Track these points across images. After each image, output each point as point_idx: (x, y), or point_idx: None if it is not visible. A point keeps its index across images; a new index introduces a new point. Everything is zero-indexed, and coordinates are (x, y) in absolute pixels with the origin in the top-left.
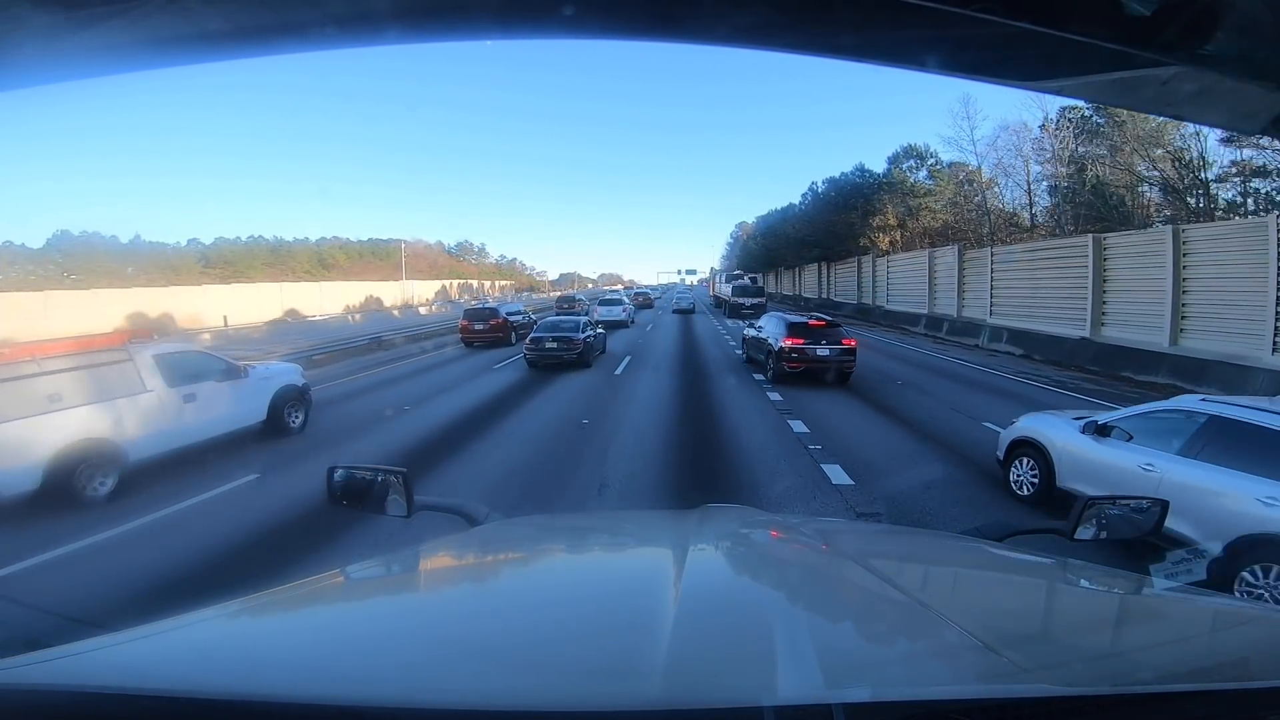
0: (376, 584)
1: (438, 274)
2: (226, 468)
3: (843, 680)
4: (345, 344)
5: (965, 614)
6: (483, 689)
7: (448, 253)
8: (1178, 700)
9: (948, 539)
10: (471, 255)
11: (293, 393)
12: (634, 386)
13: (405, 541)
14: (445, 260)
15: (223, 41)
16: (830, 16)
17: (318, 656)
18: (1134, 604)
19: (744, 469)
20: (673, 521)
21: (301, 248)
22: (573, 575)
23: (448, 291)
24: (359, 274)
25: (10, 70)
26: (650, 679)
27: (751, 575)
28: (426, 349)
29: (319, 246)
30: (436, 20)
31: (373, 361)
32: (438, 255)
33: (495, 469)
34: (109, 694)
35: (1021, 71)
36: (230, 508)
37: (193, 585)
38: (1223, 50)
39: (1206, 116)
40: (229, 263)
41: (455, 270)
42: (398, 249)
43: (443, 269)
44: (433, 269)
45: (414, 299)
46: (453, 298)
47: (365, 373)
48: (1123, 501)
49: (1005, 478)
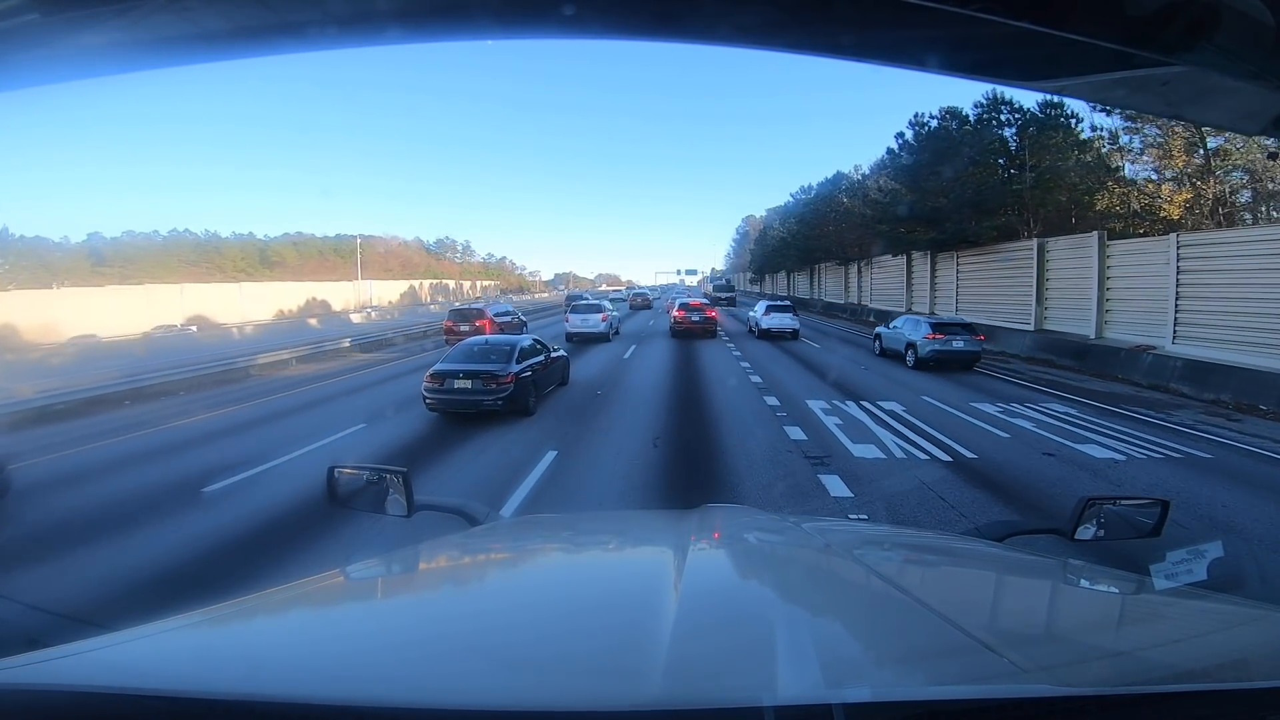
0: (376, 584)
1: (411, 273)
2: None
3: (843, 680)
4: (198, 369)
5: (965, 614)
6: (483, 688)
7: (427, 250)
8: (1178, 700)
9: (948, 539)
10: (454, 253)
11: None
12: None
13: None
14: (422, 259)
15: (223, 42)
16: (830, 16)
17: (318, 656)
18: (1134, 604)
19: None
20: (673, 521)
21: (238, 244)
22: (573, 575)
23: (417, 292)
24: (312, 273)
25: (10, 70)
26: (650, 679)
27: (751, 575)
28: (326, 375)
29: (266, 243)
30: (437, 20)
31: (220, 398)
32: (414, 253)
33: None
34: (109, 694)
35: (1022, 71)
36: None
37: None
38: (1224, 50)
39: (1207, 117)
40: (132, 261)
41: (432, 269)
42: (366, 246)
43: (417, 268)
44: (406, 268)
45: (372, 300)
46: (424, 299)
47: (183, 420)
48: (1123, 502)
49: (873, 349)
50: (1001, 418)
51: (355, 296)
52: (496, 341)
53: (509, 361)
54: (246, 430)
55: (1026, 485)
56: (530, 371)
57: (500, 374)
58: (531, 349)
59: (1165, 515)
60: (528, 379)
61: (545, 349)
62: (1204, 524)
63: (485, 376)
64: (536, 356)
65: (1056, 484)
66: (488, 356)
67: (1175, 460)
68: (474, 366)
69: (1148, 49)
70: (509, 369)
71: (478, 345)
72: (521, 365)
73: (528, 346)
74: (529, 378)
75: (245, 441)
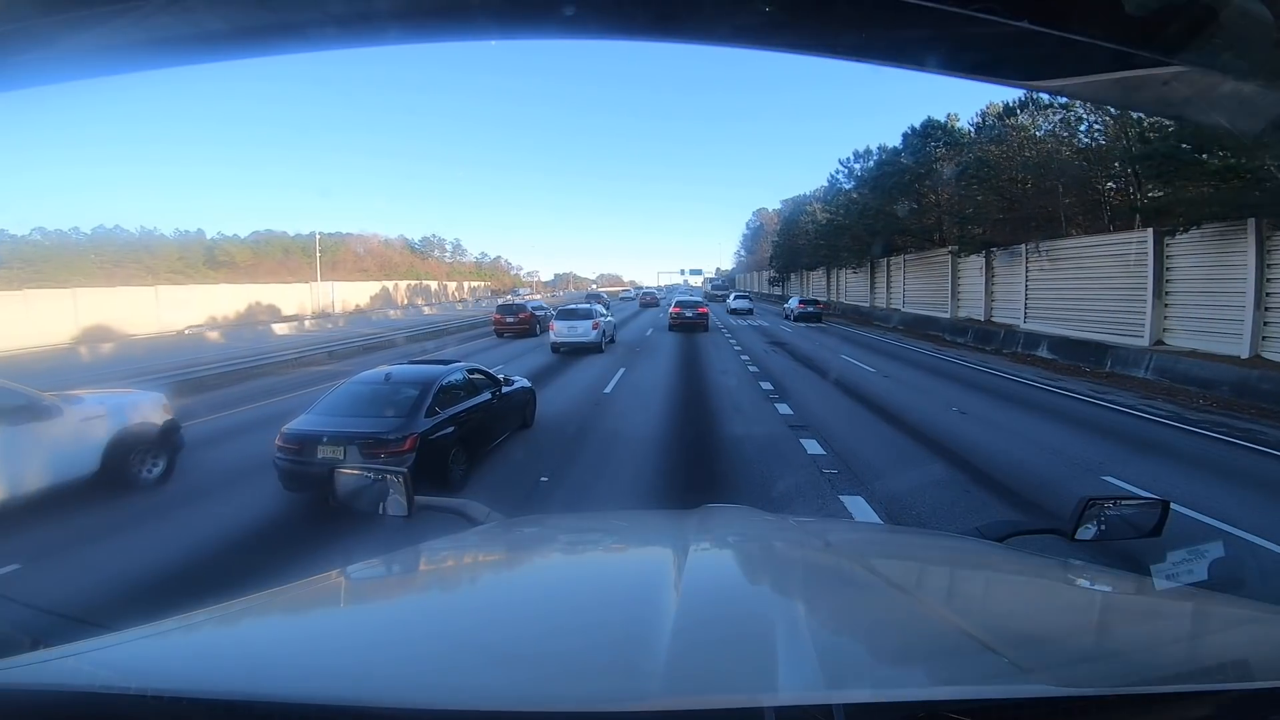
0: (376, 584)
1: (389, 273)
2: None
3: (843, 680)
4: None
5: (965, 614)
6: (483, 688)
7: (411, 249)
8: (1178, 700)
9: (948, 539)
10: (442, 252)
11: (147, 434)
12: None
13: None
14: (403, 258)
15: (223, 42)
16: (831, 16)
17: (318, 656)
18: (1134, 604)
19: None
20: (673, 521)
21: (178, 243)
22: (573, 575)
23: (391, 294)
24: (270, 273)
25: (9, 71)
26: (651, 678)
27: (752, 575)
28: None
29: (216, 241)
30: (437, 21)
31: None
32: (394, 252)
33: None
34: (109, 694)
35: (1022, 71)
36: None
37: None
38: (1224, 50)
39: (1207, 117)
40: (30, 263)
41: (414, 269)
42: (341, 244)
43: (397, 267)
44: (384, 268)
45: (335, 304)
46: (400, 302)
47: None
48: (1123, 502)
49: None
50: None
51: (313, 300)
52: (404, 377)
53: (413, 413)
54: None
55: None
56: (454, 425)
57: (391, 437)
58: (463, 386)
59: (1166, 515)
60: (447, 438)
61: (493, 382)
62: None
63: (366, 443)
64: (472, 398)
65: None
66: (379, 406)
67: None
68: (349, 427)
69: (1148, 49)
70: (411, 426)
71: (369, 385)
72: (436, 418)
73: (455, 383)
74: (450, 435)
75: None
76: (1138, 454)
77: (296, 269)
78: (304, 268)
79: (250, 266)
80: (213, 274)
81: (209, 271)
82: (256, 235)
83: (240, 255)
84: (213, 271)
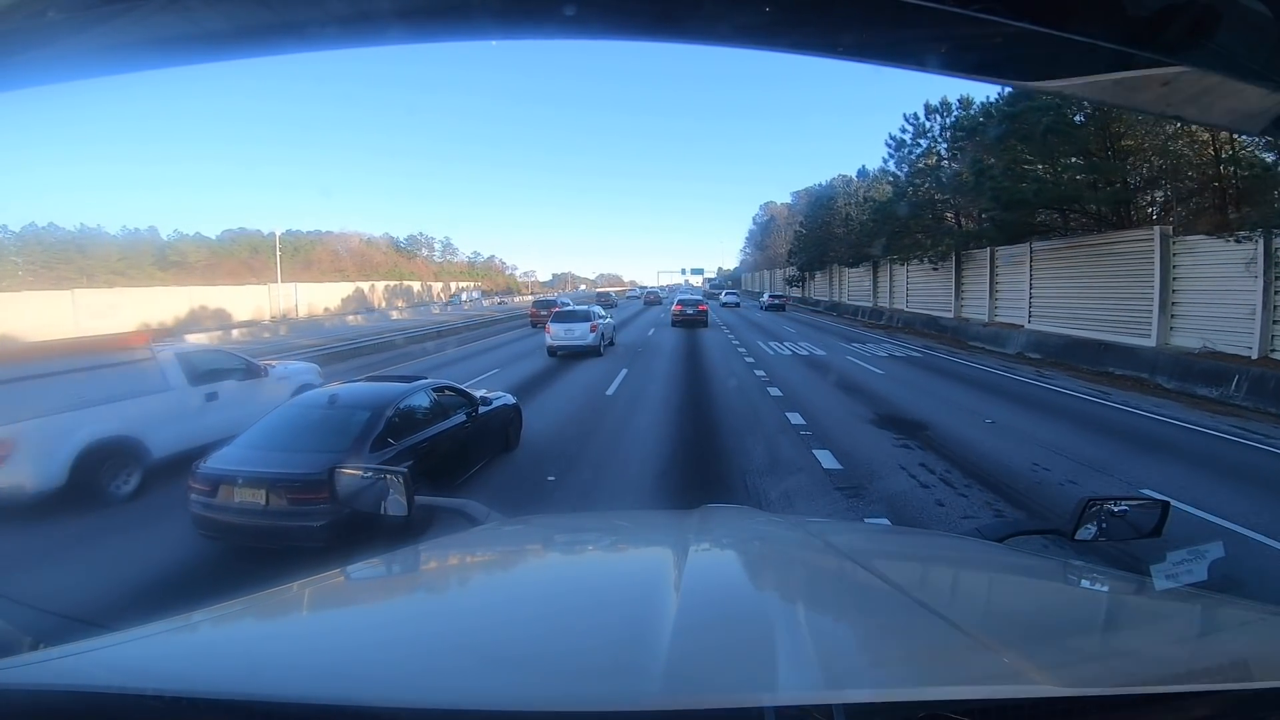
0: (376, 584)
1: (369, 274)
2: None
3: (843, 680)
4: None
5: (965, 614)
6: (483, 689)
7: (396, 248)
8: (1178, 700)
9: (948, 539)
10: (431, 251)
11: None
12: None
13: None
14: (386, 257)
15: (224, 41)
16: (831, 16)
17: (318, 656)
18: (1134, 604)
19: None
20: (673, 521)
21: (120, 242)
22: (573, 575)
23: (367, 296)
24: (230, 274)
25: (10, 71)
26: (651, 679)
27: (752, 575)
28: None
29: (170, 241)
30: (439, 21)
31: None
32: (377, 251)
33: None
34: (109, 694)
35: (1022, 72)
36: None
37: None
38: (1224, 51)
39: (1208, 117)
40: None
41: (397, 269)
42: (318, 242)
43: (378, 267)
44: (363, 268)
45: (298, 308)
46: (376, 305)
47: None
48: (1123, 502)
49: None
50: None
51: (271, 304)
52: (353, 399)
53: (356, 446)
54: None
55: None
56: (413, 458)
57: (321, 478)
58: (428, 409)
59: (1166, 516)
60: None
61: (468, 401)
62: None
63: (290, 485)
64: (439, 423)
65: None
66: (318, 435)
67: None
68: (272, 465)
69: (1148, 49)
70: (351, 463)
71: (312, 409)
72: (386, 451)
73: (417, 406)
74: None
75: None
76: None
77: (262, 270)
78: (271, 268)
79: (207, 267)
80: (160, 275)
81: (156, 273)
82: (227, 234)
83: (195, 255)
84: (161, 273)
